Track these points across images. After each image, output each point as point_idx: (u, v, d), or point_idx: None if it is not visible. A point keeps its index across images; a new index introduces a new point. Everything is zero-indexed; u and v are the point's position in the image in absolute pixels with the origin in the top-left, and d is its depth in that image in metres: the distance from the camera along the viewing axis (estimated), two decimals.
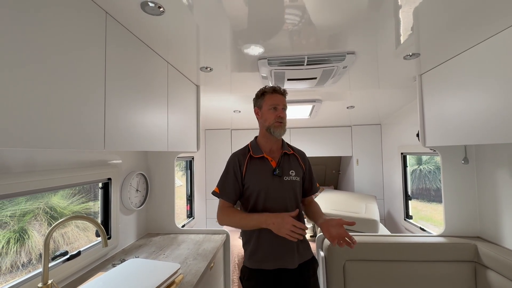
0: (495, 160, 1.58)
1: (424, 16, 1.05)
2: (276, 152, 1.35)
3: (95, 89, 0.93)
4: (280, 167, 1.31)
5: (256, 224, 1.21)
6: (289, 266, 1.23)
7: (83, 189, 1.73)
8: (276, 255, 1.23)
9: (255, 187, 1.27)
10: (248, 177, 1.29)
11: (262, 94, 1.35)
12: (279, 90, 1.34)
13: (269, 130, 1.31)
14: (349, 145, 3.41)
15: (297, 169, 1.35)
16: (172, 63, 1.54)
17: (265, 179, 1.28)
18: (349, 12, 1.02)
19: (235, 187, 1.30)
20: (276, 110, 1.30)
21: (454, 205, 1.75)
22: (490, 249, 1.51)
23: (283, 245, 1.23)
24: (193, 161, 3.05)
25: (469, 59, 1.33)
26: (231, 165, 1.32)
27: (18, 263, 1.51)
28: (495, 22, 1.07)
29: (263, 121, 1.34)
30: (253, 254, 1.26)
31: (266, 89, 1.34)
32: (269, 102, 1.31)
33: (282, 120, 1.30)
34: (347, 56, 1.42)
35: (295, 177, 1.32)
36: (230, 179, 1.30)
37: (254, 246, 1.26)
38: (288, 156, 1.37)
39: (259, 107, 1.36)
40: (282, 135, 1.32)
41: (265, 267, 1.23)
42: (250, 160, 1.32)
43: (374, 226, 2.35)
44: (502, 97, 1.13)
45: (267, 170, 1.30)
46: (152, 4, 0.94)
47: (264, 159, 1.32)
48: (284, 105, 1.32)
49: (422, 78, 1.76)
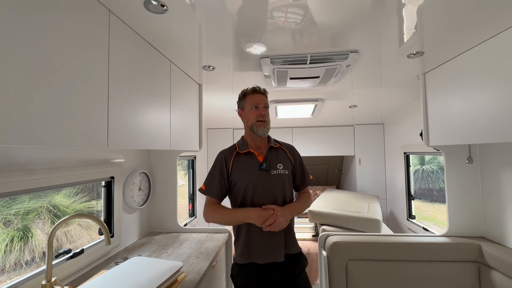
0: (500, 159, 1.56)
1: (428, 14, 1.04)
2: (263, 148, 1.37)
3: (99, 87, 0.93)
4: (268, 161, 1.32)
5: (239, 220, 1.25)
6: (278, 259, 1.25)
7: (86, 187, 1.74)
8: (266, 248, 1.25)
9: (243, 183, 1.29)
10: (235, 173, 1.31)
11: (243, 96, 1.38)
12: (259, 90, 1.36)
13: (252, 129, 1.33)
14: (351, 145, 3.40)
15: (285, 162, 1.36)
16: (174, 62, 1.55)
17: (252, 174, 1.29)
18: (352, 10, 1.01)
19: (221, 184, 1.32)
20: (258, 109, 1.33)
21: (457, 204, 1.73)
22: (494, 249, 1.49)
23: (271, 239, 1.25)
24: (195, 160, 3.05)
25: (473, 57, 1.32)
26: (218, 163, 1.35)
27: (22, 261, 1.52)
28: (499, 21, 1.06)
29: (246, 121, 1.37)
30: (244, 248, 1.27)
31: (246, 90, 1.37)
32: (250, 102, 1.34)
33: (264, 118, 1.32)
34: (350, 55, 1.42)
35: (283, 170, 1.33)
36: (216, 176, 1.33)
37: (245, 241, 1.28)
38: (276, 150, 1.39)
39: (242, 108, 1.39)
40: (266, 133, 1.34)
41: (256, 260, 1.25)
42: (236, 157, 1.34)
43: (376, 226, 2.34)
44: (506, 96, 1.12)
45: (254, 165, 1.31)
46: (155, 2, 0.94)
47: (251, 154, 1.34)
48: (265, 104, 1.35)
49: (426, 77, 1.75)
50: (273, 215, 1.20)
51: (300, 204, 1.37)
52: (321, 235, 1.84)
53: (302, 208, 1.37)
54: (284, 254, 1.26)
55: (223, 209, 1.30)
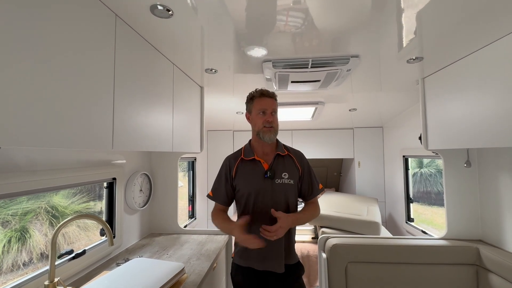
0: (498, 163, 1.58)
1: (427, 20, 1.06)
2: (270, 155, 1.33)
3: (105, 90, 0.94)
4: (272, 169, 1.29)
5: (227, 233, 1.30)
6: (277, 270, 1.23)
7: (84, 188, 1.74)
8: (264, 256, 1.23)
9: (245, 190, 1.28)
10: (238, 180, 1.30)
11: (251, 99, 1.33)
12: (267, 94, 1.31)
13: (259, 135, 1.29)
14: (351, 148, 3.42)
15: (291, 171, 1.31)
16: (177, 65, 1.56)
17: (255, 182, 1.27)
18: (352, 15, 1.03)
19: (226, 190, 1.32)
20: (265, 115, 1.28)
21: (456, 208, 1.75)
22: (492, 253, 1.51)
23: (271, 249, 1.23)
24: (195, 162, 3.06)
25: (472, 63, 1.34)
26: (223, 169, 1.35)
27: (19, 262, 1.52)
28: (499, 27, 1.09)
29: (253, 125, 1.33)
30: (243, 253, 1.28)
31: (254, 93, 1.32)
32: (258, 106, 1.29)
33: (271, 124, 1.28)
34: (351, 60, 1.44)
35: (288, 180, 1.29)
36: (222, 182, 1.33)
37: (243, 246, 1.25)
38: (283, 158, 1.34)
39: (249, 111, 1.35)
40: (273, 139, 1.30)
41: (254, 266, 1.25)
42: (241, 163, 1.32)
43: (376, 229, 2.36)
44: (505, 101, 1.14)
45: (258, 172, 1.29)
46: (161, 7, 0.96)
47: (255, 162, 1.31)
48: (273, 109, 1.29)
49: (425, 82, 1.77)
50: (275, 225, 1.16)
51: (306, 215, 1.31)
52: (320, 238, 1.86)
53: (307, 220, 1.32)
54: (284, 265, 1.24)
55: (220, 218, 1.31)
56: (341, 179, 4.60)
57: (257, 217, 1.24)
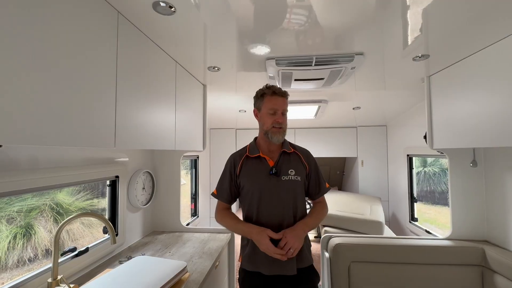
0: (504, 163, 1.56)
1: (433, 17, 1.04)
2: (275, 152, 1.30)
3: (107, 88, 0.94)
4: (278, 166, 1.25)
5: (242, 234, 1.24)
6: (288, 272, 1.17)
7: (88, 186, 1.75)
8: (273, 261, 1.16)
9: (250, 187, 1.25)
10: (243, 177, 1.27)
11: (261, 95, 1.27)
12: (280, 92, 1.25)
13: (267, 134, 1.25)
14: (354, 146, 3.40)
15: (298, 168, 1.27)
16: (180, 63, 1.55)
17: (260, 179, 1.24)
18: (356, 12, 1.01)
19: (230, 188, 1.30)
20: (275, 115, 1.23)
21: (461, 208, 1.73)
22: (498, 253, 1.49)
23: None
24: (198, 160, 3.06)
25: (479, 61, 1.32)
26: (228, 167, 1.33)
27: (25, 258, 1.53)
28: (505, 25, 1.06)
29: (261, 124, 1.29)
30: (250, 257, 1.23)
31: (265, 90, 1.26)
32: (268, 105, 1.24)
33: (280, 125, 1.24)
34: (355, 57, 1.42)
35: (295, 177, 1.24)
36: (226, 180, 1.31)
37: (251, 249, 1.23)
38: (288, 155, 1.30)
39: (258, 108, 1.30)
40: (281, 140, 1.27)
41: (261, 271, 1.20)
42: (245, 160, 1.29)
43: (379, 228, 2.34)
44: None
45: (263, 169, 1.25)
46: (163, 3, 0.95)
47: (261, 159, 1.28)
48: (283, 109, 1.25)
49: (431, 80, 1.75)
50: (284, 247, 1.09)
51: (314, 219, 1.25)
52: (323, 237, 1.85)
53: (317, 222, 1.26)
54: (296, 268, 1.18)
55: (230, 218, 1.28)
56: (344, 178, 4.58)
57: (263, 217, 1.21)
